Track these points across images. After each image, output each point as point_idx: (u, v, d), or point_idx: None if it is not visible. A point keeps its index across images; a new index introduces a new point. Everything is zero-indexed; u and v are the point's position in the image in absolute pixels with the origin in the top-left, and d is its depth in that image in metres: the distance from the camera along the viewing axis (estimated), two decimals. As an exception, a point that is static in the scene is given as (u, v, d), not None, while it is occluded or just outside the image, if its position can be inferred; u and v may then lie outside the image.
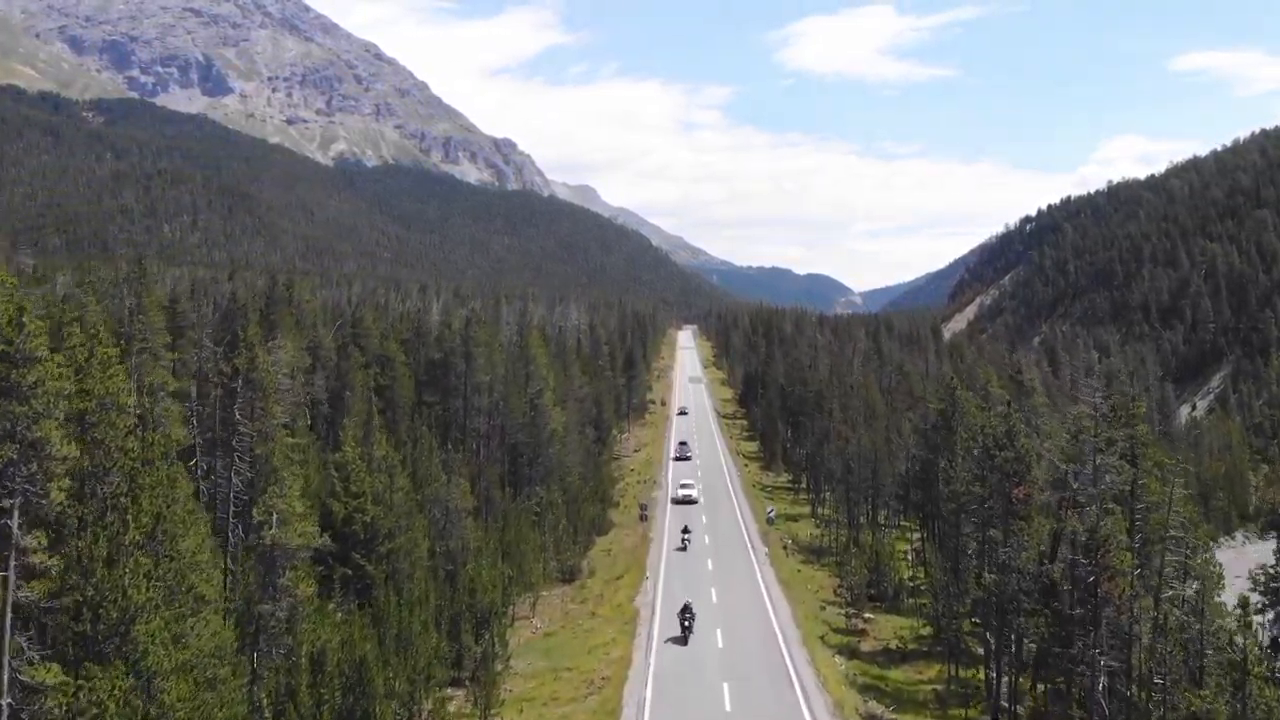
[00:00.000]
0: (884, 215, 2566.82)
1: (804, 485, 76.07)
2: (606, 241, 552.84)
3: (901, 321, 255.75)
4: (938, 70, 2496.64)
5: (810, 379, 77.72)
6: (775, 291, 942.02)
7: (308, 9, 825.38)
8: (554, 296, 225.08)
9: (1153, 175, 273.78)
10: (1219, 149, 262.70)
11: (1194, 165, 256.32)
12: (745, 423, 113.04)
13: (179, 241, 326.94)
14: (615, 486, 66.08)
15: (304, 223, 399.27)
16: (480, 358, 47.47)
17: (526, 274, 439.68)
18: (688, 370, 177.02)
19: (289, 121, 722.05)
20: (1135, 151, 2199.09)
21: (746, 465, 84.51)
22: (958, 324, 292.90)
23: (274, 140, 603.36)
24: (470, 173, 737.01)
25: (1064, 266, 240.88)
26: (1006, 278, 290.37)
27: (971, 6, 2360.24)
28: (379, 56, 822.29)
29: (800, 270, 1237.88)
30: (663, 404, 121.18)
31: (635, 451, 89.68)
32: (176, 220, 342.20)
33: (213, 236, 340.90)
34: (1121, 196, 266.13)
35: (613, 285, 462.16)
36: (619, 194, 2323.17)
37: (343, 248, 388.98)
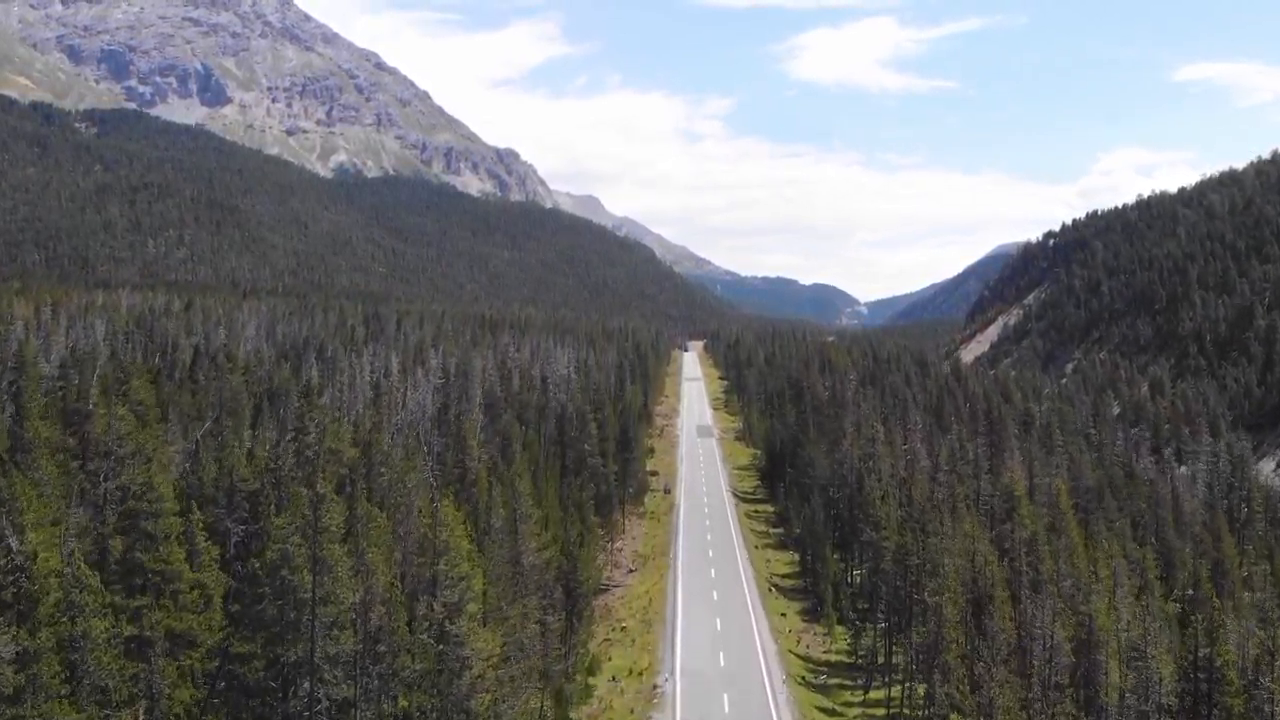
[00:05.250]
0: (886, 225, 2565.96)
1: (876, 660, 51.49)
2: (609, 254, 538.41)
3: (927, 345, 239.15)
4: (939, 81, 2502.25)
5: (880, 512, 54.45)
6: (781, 301, 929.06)
7: (309, 19, 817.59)
8: (549, 321, 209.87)
9: (1184, 188, 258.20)
10: (1256, 160, 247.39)
11: (1233, 178, 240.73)
12: (770, 508, 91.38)
13: (163, 258, 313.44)
14: (597, 686, 44.42)
15: (296, 237, 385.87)
16: (339, 564, 26.40)
17: (526, 288, 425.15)
18: (695, 415, 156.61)
19: (289, 132, 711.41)
20: (1136, 162, 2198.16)
21: (784, 614, 59.67)
22: (979, 346, 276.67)
23: (273, 151, 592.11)
24: (472, 183, 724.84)
25: (1096, 287, 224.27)
26: (1030, 297, 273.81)
27: (973, 18, 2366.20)
28: (380, 66, 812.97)
29: (805, 280, 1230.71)
30: (666, 492, 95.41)
31: (630, 572, 67.23)
32: (162, 235, 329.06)
33: (199, 252, 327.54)
34: (1154, 211, 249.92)
35: (615, 299, 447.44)
36: (623, 203, 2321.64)
37: (336, 262, 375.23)
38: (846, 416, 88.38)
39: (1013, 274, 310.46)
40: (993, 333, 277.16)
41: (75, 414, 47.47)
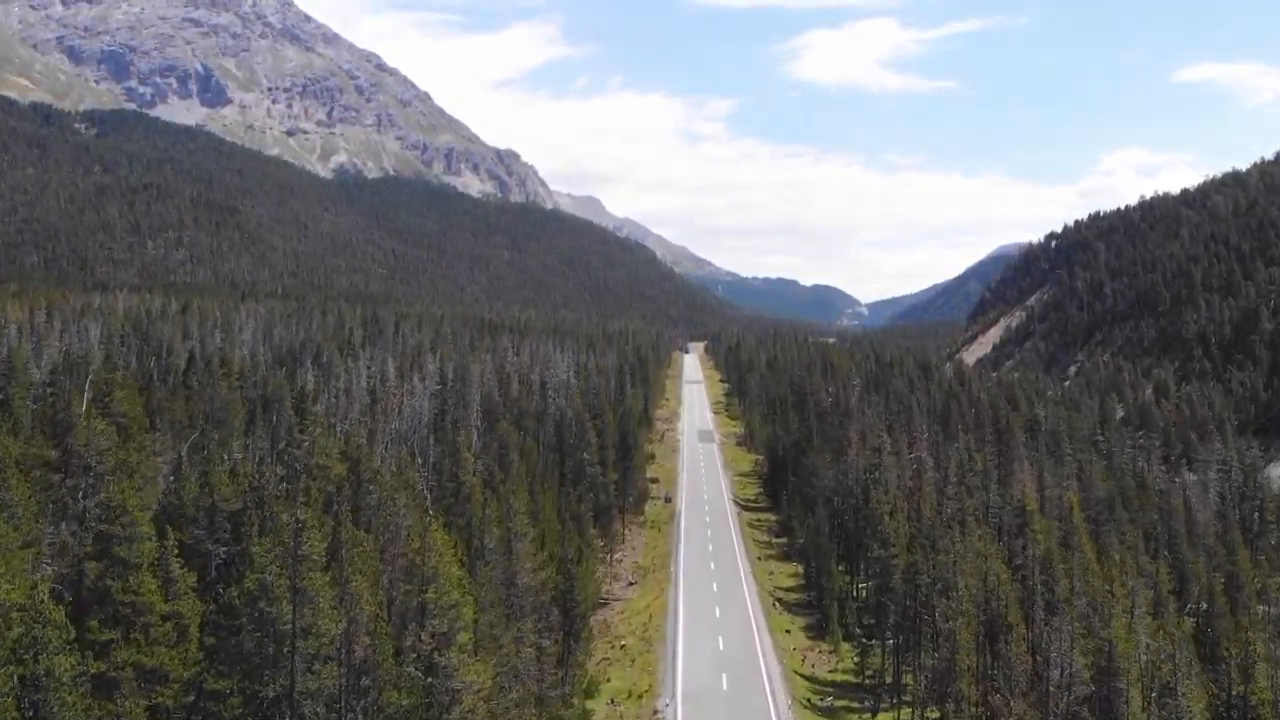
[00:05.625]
0: (887, 226, 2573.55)
1: (884, 681, 49.17)
2: (610, 255, 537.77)
3: (929, 346, 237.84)
4: (940, 82, 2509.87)
5: (888, 528, 52.62)
6: (781, 302, 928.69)
7: (309, 19, 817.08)
8: (548, 323, 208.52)
9: (1187, 190, 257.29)
10: (1260, 161, 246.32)
11: (1236, 180, 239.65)
12: (773, 517, 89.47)
13: (162, 260, 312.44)
14: (595, 710, 42.47)
15: (296, 238, 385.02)
16: (321, 594, 24.62)
17: (526, 289, 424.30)
18: (696, 419, 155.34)
19: (289, 133, 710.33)
20: (1138, 163, 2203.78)
21: (788, 631, 57.46)
22: (981, 348, 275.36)
23: (273, 151, 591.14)
24: (472, 184, 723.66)
25: (1099, 289, 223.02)
26: (1032, 298, 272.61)
27: (974, 19, 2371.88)
28: (380, 67, 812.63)
29: (806, 281, 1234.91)
30: (667, 500, 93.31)
31: (630, 585, 64.66)
32: (161, 236, 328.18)
33: (198, 254, 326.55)
34: (1157, 212, 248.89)
35: (616, 300, 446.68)
36: (624, 204, 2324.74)
37: (335, 264, 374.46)
38: (851, 424, 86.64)
39: (1014, 275, 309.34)
40: (995, 334, 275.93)
41: (60, 424, 46.06)
